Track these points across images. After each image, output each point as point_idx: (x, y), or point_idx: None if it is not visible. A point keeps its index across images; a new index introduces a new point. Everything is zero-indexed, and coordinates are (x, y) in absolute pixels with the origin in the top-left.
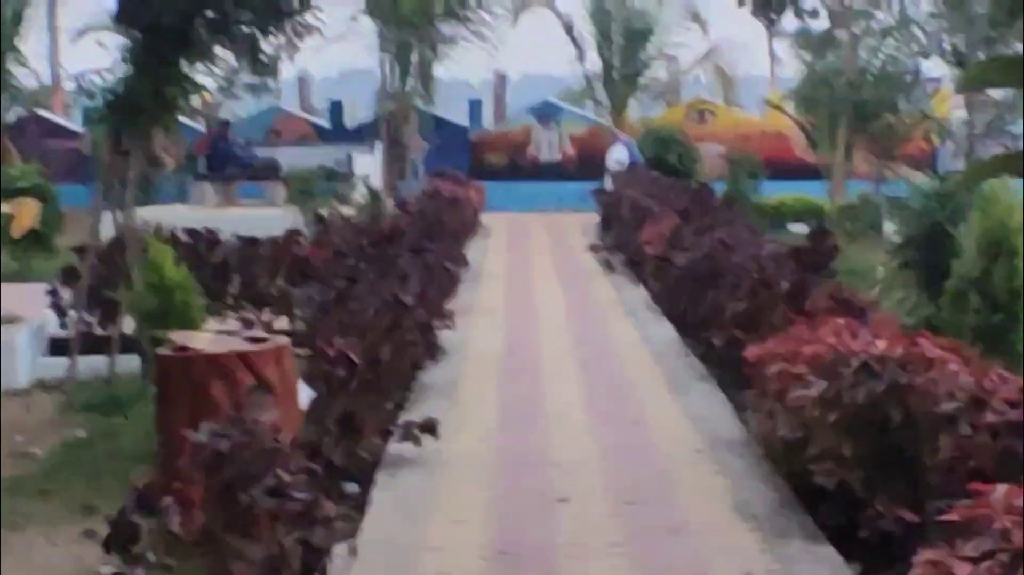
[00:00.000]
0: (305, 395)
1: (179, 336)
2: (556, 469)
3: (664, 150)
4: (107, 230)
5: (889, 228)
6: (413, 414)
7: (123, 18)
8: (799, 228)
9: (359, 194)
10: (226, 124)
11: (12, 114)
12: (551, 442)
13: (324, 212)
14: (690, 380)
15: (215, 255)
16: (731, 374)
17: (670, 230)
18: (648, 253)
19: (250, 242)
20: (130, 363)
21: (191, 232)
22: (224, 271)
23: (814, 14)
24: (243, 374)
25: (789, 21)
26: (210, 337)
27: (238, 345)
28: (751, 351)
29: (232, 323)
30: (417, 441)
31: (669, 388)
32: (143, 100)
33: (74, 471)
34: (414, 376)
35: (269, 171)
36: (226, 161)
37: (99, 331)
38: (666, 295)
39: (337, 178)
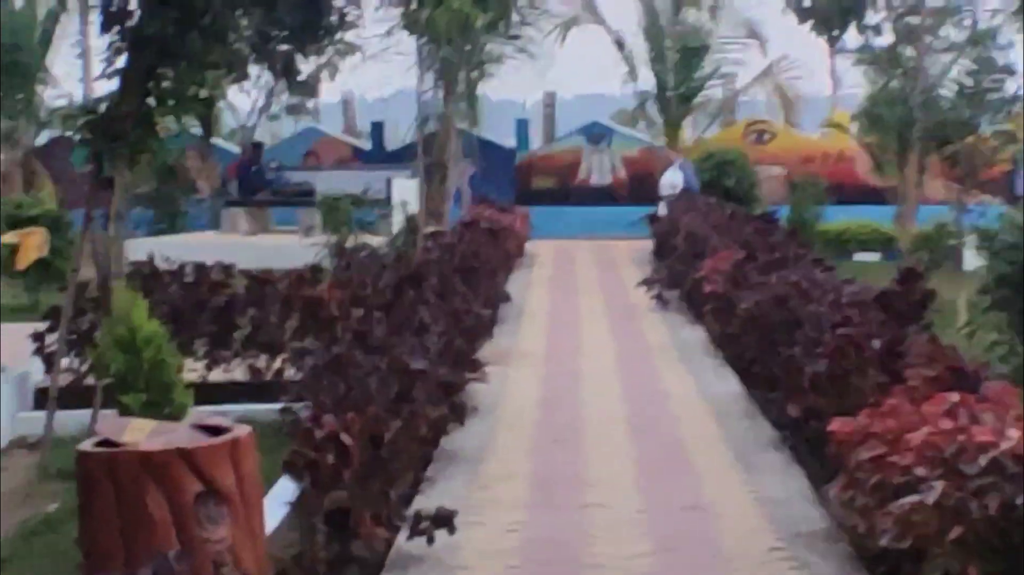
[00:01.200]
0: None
1: (108, 426)
2: (598, 573)
3: (721, 174)
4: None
5: (970, 260)
6: (430, 496)
7: (107, 28)
8: (866, 257)
9: (396, 222)
10: (258, 146)
11: (44, 136)
12: (592, 536)
13: (351, 242)
14: (760, 450)
15: (217, 297)
16: (809, 444)
17: (732, 265)
18: (707, 291)
19: (260, 280)
20: None
21: (199, 268)
22: (231, 313)
23: (878, 30)
24: (187, 477)
25: (851, 38)
26: (153, 426)
27: (184, 438)
28: (837, 426)
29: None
30: (430, 538)
31: (735, 461)
32: (126, 121)
33: (36, 558)
34: (437, 443)
35: (303, 196)
36: (258, 186)
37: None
38: (728, 340)
39: (364, 204)
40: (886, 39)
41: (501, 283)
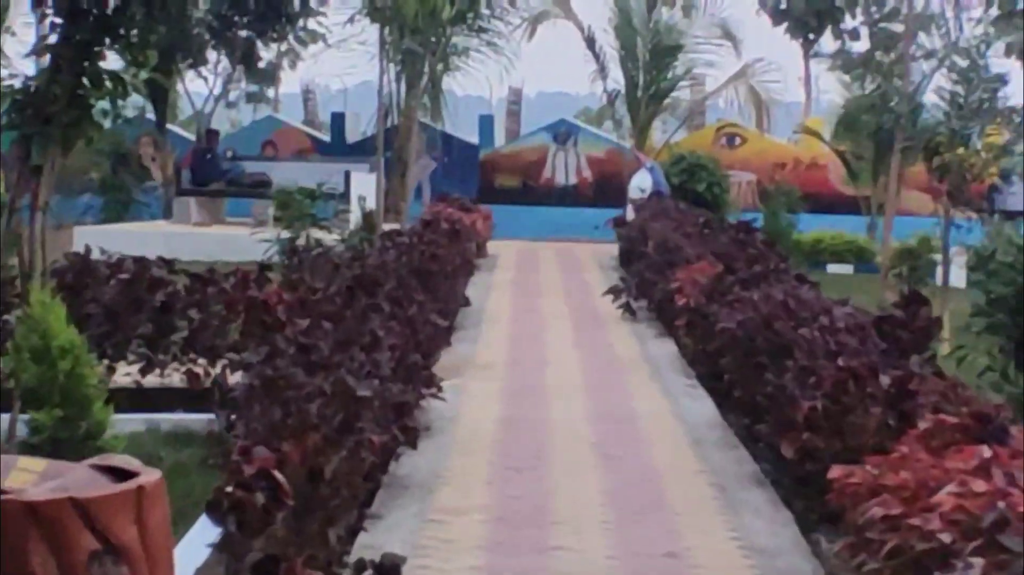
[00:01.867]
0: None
1: None
2: None
3: (692, 178)
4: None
5: (957, 277)
6: (375, 533)
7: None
8: (839, 269)
9: (354, 218)
10: (213, 134)
11: None
12: None
13: (303, 239)
14: (742, 486)
15: (155, 296)
16: (798, 483)
17: (708, 277)
18: (680, 303)
19: (202, 279)
20: None
21: (139, 263)
22: (169, 314)
23: (855, 35)
24: (80, 532)
25: (827, 42)
26: (45, 467)
27: (80, 483)
28: (839, 473)
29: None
30: None
31: (715, 497)
32: (57, 103)
33: None
34: (385, 469)
35: (258, 188)
36: (211, 175)
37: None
38: (702, 358)
39: (318, 199)
40: (863, 44)
41: (461, 286)
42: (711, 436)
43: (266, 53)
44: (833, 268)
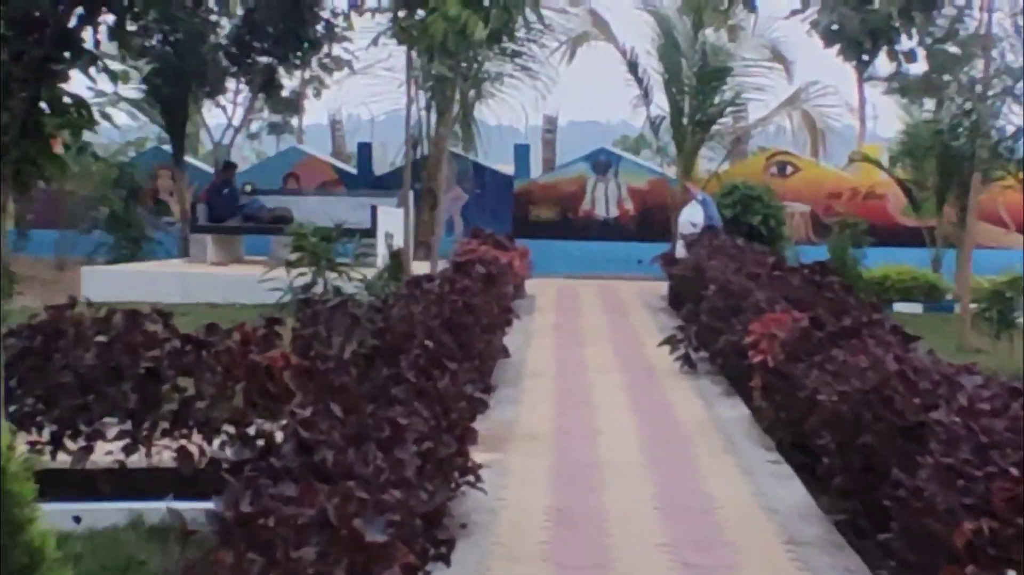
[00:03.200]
0: None
1: None
2: None
3: (746, 210)
4: None
5: None
6: None
7: None
8: (907, 308)
9: (381, 255)
10: (230, 166)
11: None
12: None
13: (319, 287)
14: None
15: (139, 361)
16: None
17: (788, 330)
18: (755, 360)
19: (195, 342)
20: None
21: (129, 316)
22: (157, 382)
23: (911, 56)
24: None
25: (882, 64)
26: None
27: None
28: None
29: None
30: None
31: None
32: (7, 133)
33: None
34: None
35: (278, 223)
36: (228, 211)
37: None
38: (785, 426)
39: (332, 240)
40: (919, 67)
41: (499, 338)
42: (809, 533)
43: (289, 81)
44: (900, 307)
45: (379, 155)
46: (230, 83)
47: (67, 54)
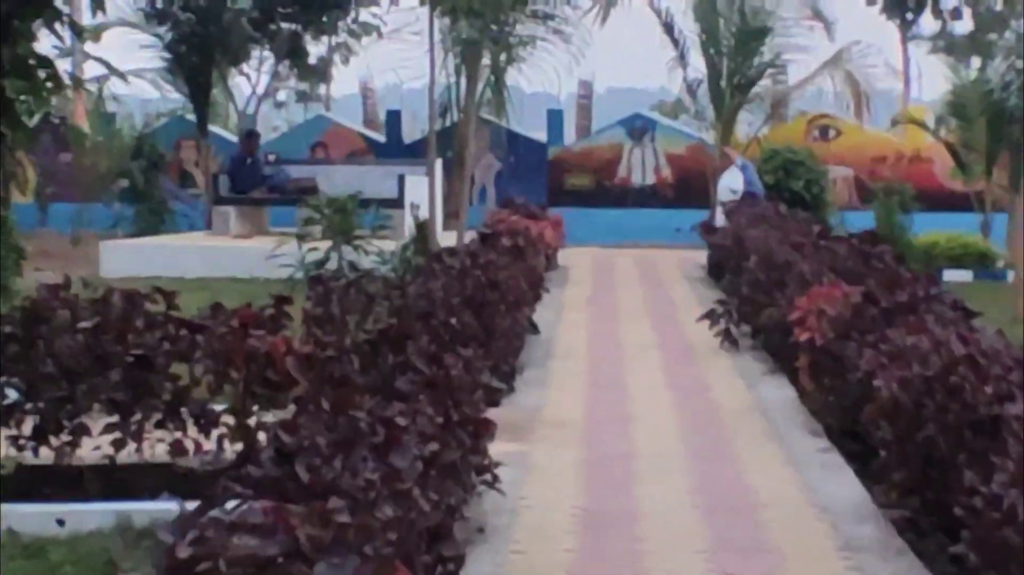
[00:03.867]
0: None
1: None
2: None
3: (788, 175)
4: None
5: None
6: None
7: None
8: (957, 276)
9: (409, 226)
10: (253, 136)
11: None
12: None
13: (334, 263)
14: None
15: (128, 349)
16: None
17: (837, 306)
18: (801, 338)
19: (189, 326)
20: None
21: (128, 298)
22: (149, 370)
23: (956, 14)
24: None
25: (926, 23)
26: None
27: None
28: None
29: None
30: None
31: None
32: None
33: None
34: None
35: (304, 194)
36: (251, 181)
37: None
38: (835, 411)
39: (347, 211)
40: (965, 25)
41: (526, 315)
42: (865, 535)
43: (316, 48)
44: (950, 275)
45: (410, 123)
46: (254, 51)
47: (32, 11)
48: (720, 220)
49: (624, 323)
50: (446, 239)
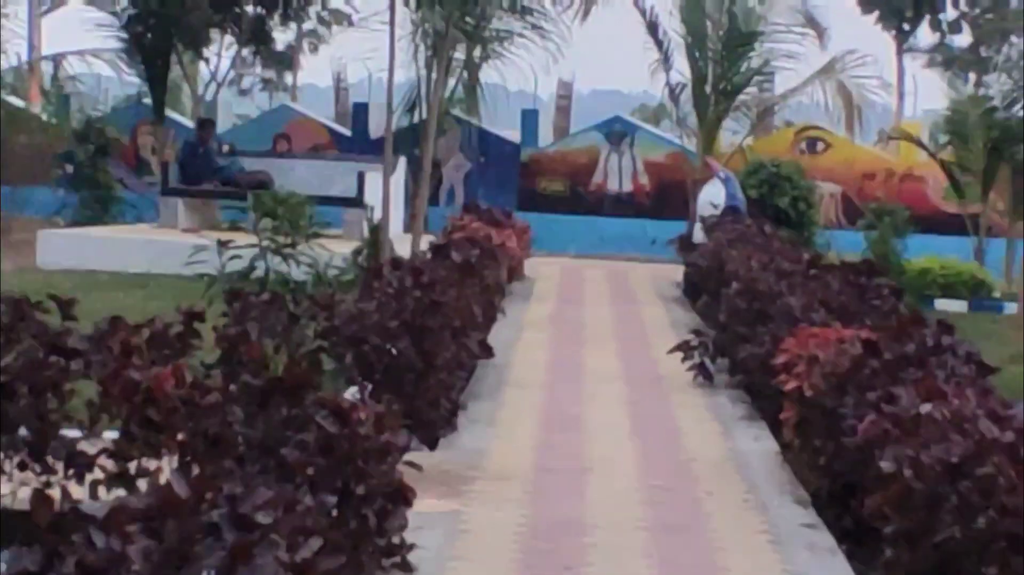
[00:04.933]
0: None
1: None
2: None
3: (772, 191)
4: None
5: None
6: None
7: None
8: (950, 305)
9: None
10: (207, 124)
11: None
12: None
13: (261, 272)
14: None
15: None
16: None
17: (834, 353)
18: (787, 386)
19: (63, 349)
20: None
21: (16, 305)
22: (9, 400)
23: (956, 27)
24: None
25: (923, 35)
26: None
27: None
28: None
29: None
30: None
31: None
32: None
33: None
34: None
35: (256, 188)
36: (203, 172)
37: None
38: (827, 474)
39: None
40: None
41: (479, 337)
42: None
43: (284, 35)
44: (943, 304)
45: (378, 117)
46: (216, 34)
47: None
48: (699, 236)
49: (589, 347)
50: (408, 243)
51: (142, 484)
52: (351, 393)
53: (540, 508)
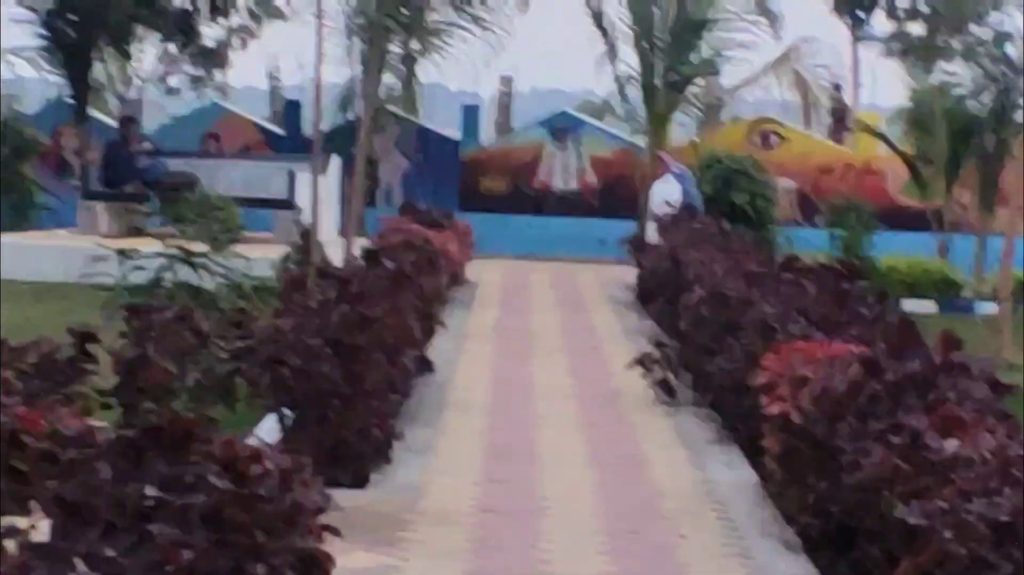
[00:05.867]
0: None
1: None
2: None
3: (729, 186)
4: None
5: None
6: None
7: None
8: (919, 306)
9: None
10: (130, 122)
11: None
12: None
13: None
14: None
15: None
16: None
17: (824, 374)
18: (770, 411)
19: None
20: None
21: None
22: None
23: (913, 15)
24: None
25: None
26: None
27: None
28: None
29: None
30: None
31: None
32: None
33: None
34: None
35: (179, 191)
36: (125, 174)
37: None
38: (818, 513)
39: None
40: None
41: (416, 354)
42: None
43: (213, 30)
44: (911, 305)
45: (313, 115)
46: (139, 29)
47: None
48: (653, 235)
49: (538, 360)
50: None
51: (10, 545)
52: (267, 427)
53: (486, 560)
